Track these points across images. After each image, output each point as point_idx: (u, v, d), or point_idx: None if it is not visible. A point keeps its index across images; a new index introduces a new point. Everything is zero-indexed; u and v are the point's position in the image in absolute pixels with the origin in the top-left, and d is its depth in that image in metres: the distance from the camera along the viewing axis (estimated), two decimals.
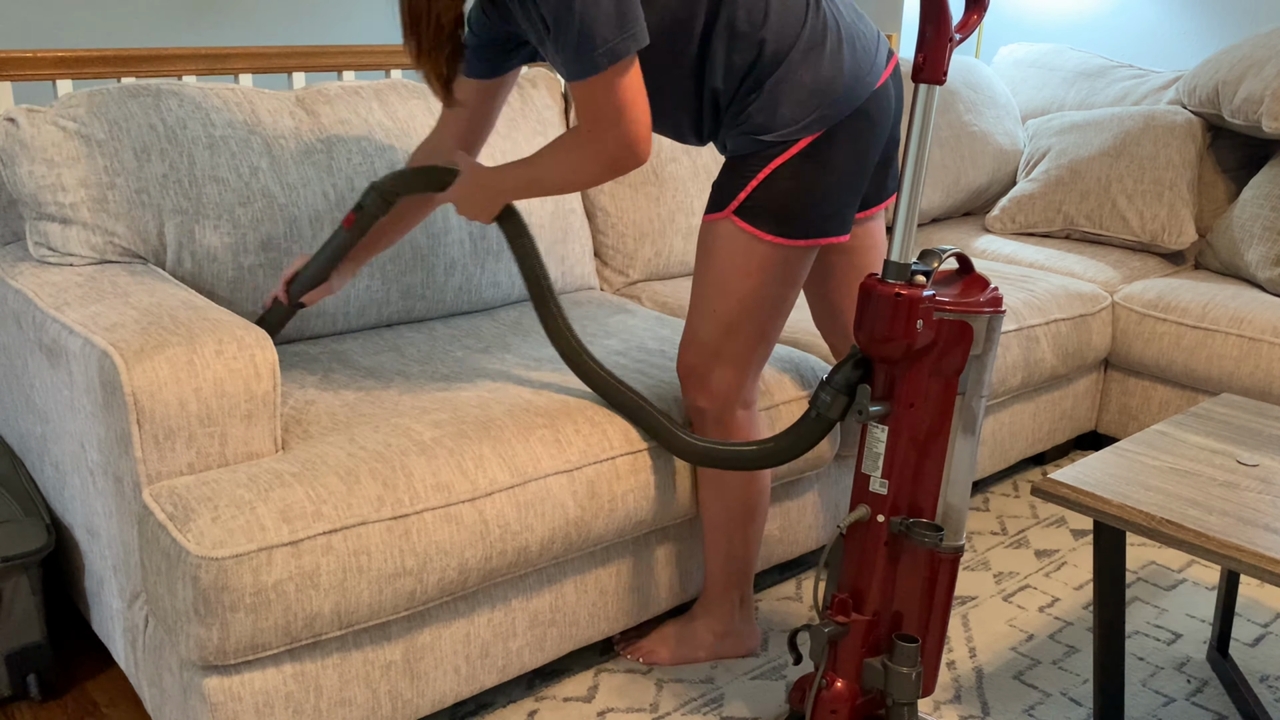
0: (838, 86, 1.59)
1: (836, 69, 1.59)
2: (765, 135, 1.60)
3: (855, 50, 1.62)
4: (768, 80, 1.58)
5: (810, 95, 1.58)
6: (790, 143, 1.59)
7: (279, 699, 1.49)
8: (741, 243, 1.64)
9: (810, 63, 1.58)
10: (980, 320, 1.43)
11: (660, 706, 1.83)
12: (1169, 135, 2.95)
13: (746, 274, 1.65)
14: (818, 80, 1.58)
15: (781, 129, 1.59)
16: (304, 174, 2.00)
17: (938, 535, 1.47)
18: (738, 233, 1.64)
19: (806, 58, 1.58)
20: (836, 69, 1.59)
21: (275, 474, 1.48)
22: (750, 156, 1.62)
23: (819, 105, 1.58)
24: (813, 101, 1.58)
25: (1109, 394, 2.81)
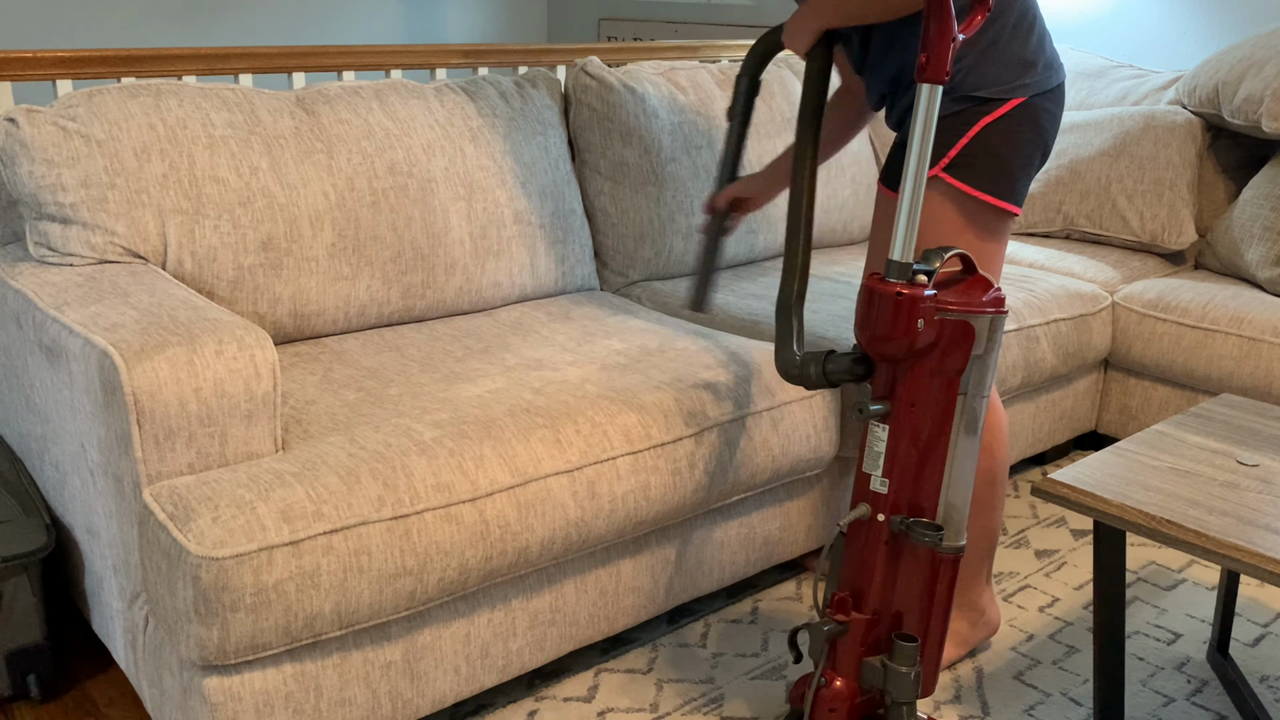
0: (1039, 64, 1.68)
1: (1039, 51, 1.69)
2: (977, 92, 1.65)
3: (1049, 42, 1.72)
4: (980, 38, 1.64)
5: (1017, 64, 1.66)
6: (1001, 101, 1.65)
7: (279, 699, 1.49)
8: (953, 201, 1.67)
9: (1019, 37, 1.67)
10: (982, 320, 1.43)
11: (660, 706, 1.83)
12: (1169, 135, 2.94)
13: (961, 231, 1.69)
14: (1024, 54, 1.67)
15: (992, 86, 1.65)
16: (304, 174, 2.00)
17: (938, 535, 1.47)
18: (949, 191, 1.67)
19: (1015, 32, 1.66)
20: (1039, 51, 1.69)
21: (275, 474, 1.48)
22: (956, 115, 1.67)
23: (1024, 74, 1.67)
24: (1019, 69, 1.67)
25: (1109, 394, 2.81)
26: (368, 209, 2.06)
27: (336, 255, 2.02)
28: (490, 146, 2.25)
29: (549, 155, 2.36)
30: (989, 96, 1.66)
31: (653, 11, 4.93)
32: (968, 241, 1.70)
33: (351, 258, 2.04)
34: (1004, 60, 1.66)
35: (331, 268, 2.02)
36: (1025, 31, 1.69)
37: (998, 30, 1.66)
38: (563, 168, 2.38)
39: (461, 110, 2.26)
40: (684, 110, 2.58)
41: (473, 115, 2.27)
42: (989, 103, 1.66)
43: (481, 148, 2.24)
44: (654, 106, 2.52)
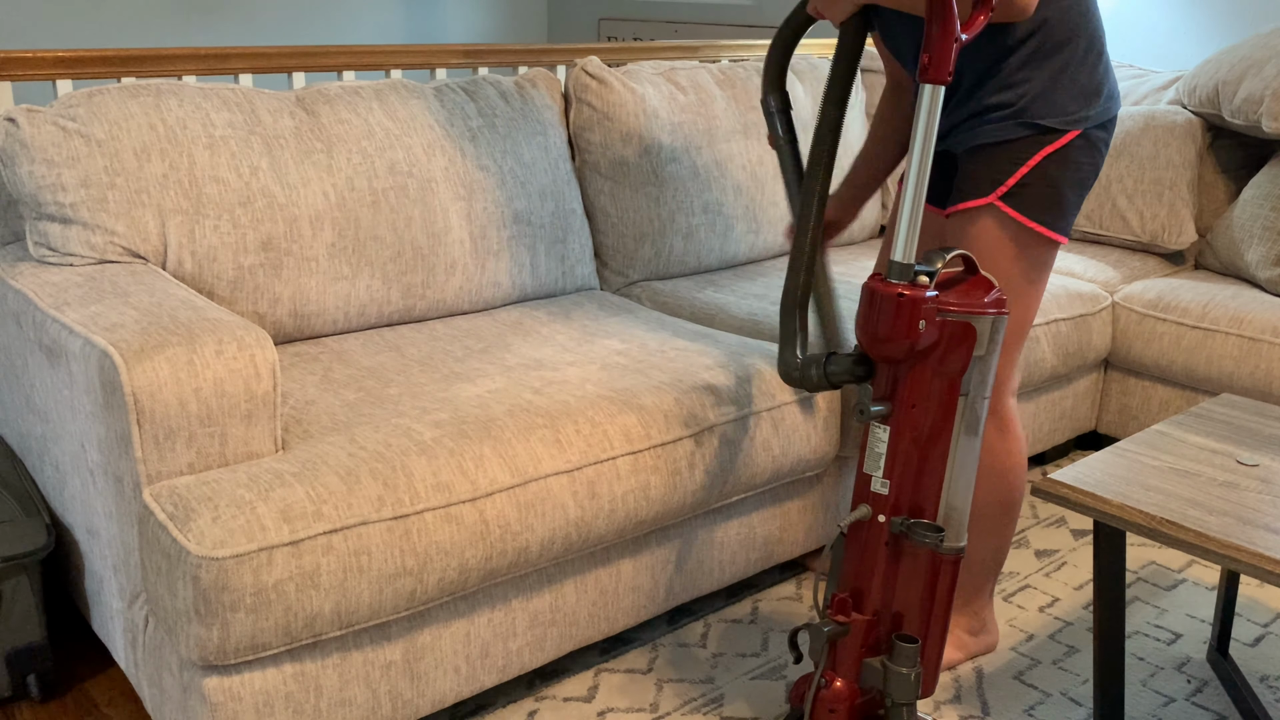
0: (1103, 94, 1.66)
1: (1104, 80, 1.66)
2: (1043, 120, 1.62)
3: (1112, 70, 1.69)
4: (1048, 64, 1.61)
5: (1082, 93, 1.63)
6: (1062, 132, 1.63)
7: (279, 699, 1.49)
8: (1007, 231, 1.65)
9: (1087, 66, 1.64)
10: (984, 321, 1.43)
11: (660, 706, 1.83)
12: (1169, 135, 2.94)
13: (1011, 260, 1.67)
14: (1090, 84, 1.64)
15: (1058, 116, 1.62)
16: (304, 174, 2.00)
17: (938, 536, 1.47)
18: (1004, 220, 1.65)
19: (1084, 60, 1.63)
20: (1104, 80, 1.66)
21: (275, 474, 1.48)
22: (1017, 142, 1.63)
23: (1089, 104, 1.64)
24: (1084, 99, 1.64)
25: (1109, 394, 2.81)
26: (368, 209, 2.06)
27: (336, 255, 2.02)
28: (490, 146, 2.25)
29: (549, 155, 2.36)
30: (1053, 126, 1.63)
31: (653, 11, 4.93)
32: (1020, 270, 1.69)
33: (351, 258, 2.04)
34: (1071, 89, 1.63)
35: (331, 268, 2.02)
36: (1094, 60, 1.65)
37: (1067, 57, 1.62)
38: (563, 168, 2.38)
39: (461, 110, 2.26)
40: (684, 110, 2.57)
41: (473, 115, 2.26)
42: (1051, 132, 1.63)
43: (481, 148, 2.24)
44: (654, 106, 2.52)
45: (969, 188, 1.67)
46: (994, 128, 1.64)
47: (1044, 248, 1.69)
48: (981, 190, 1.66)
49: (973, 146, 1.68)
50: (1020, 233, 1.66)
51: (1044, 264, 1.71)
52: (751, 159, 2.68)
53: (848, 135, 2.95)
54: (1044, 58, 1.62)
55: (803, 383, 1.57)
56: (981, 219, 1.66)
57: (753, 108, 2.73)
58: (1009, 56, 1.62)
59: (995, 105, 1.64)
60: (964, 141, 1.70)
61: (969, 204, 1.67)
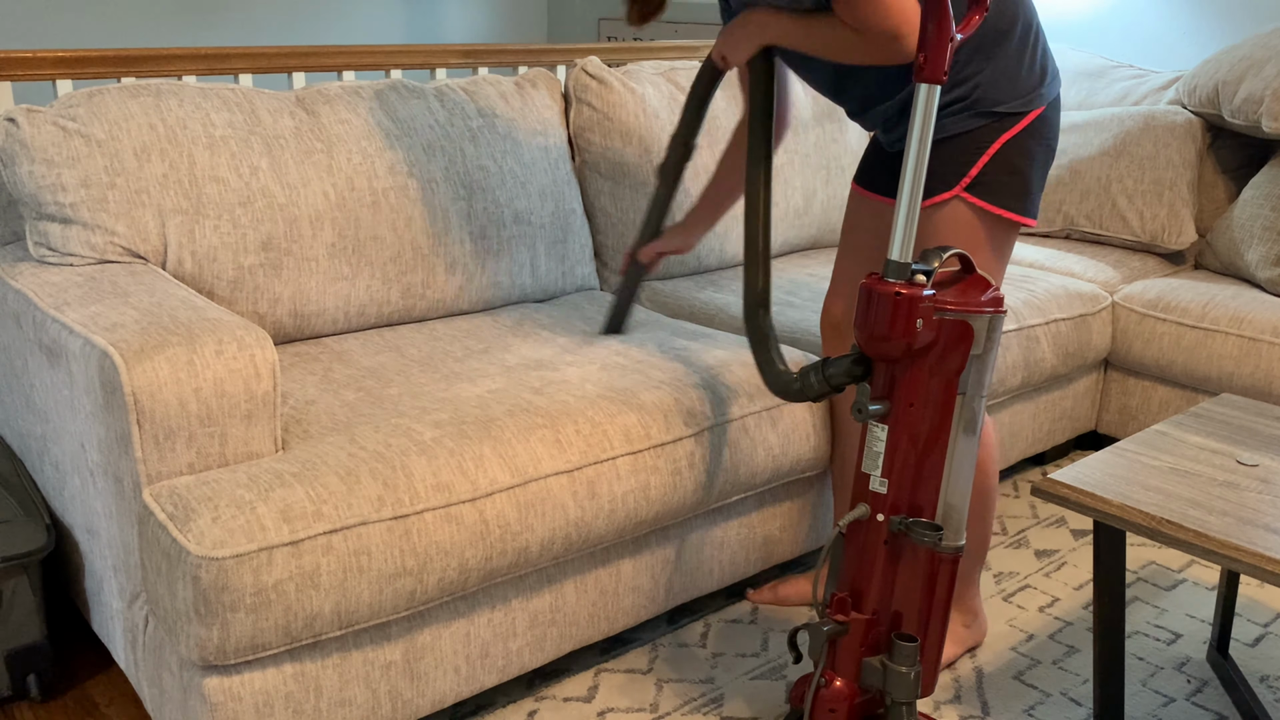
0: (1049, 73, 1.69)
1: (1045, 59, 1.69)
2: (997, 107, 1.64)
3: (1048, 49, 1.72)
4: (995, 52, 1.63)
5: (1030, 73, 1.66)
6: (1020, 115, 1.64)
7: (279, 699, 1.50)
8: (969, 221, 1.67)
9: (1028, 47, 1.66)
10: (981, 320, 1.43)
11: (660, 706, 1.83)
12: (1169, 135, 2.94)
13: (979, 247, 1.69)
14: (1034, 65, 1.67)
15: (1011, 100, 1.64)
16: (304, 174, 2.00)
17: (937, 535, 1.47)
18: (968, 211, 1.67)
19: (1023, 42, 1.66)
20: (1045, 59, 1.69)
21: (275, 474, 1.48)
22: (973, 132, 1.65)
23: (1039, 83, 1.66)
24: (1033, 79, 1.66)
25: (1109, 394, 2.81)
26: (368, 209, 2.06)
27: (336, 255, 2.02)
28: (490, 146, 2.25)
29: (549, 155, 2.36)
30: (1009, 111, 1.65)
31: None
32: (987, 256, 1.71)
33: (351, 258, 2.04)
34: (1019, 72, 1.65)
35: (331, 268, 2.02)
36: (1034, 41, 1.68)
37: (1007, 44, 1.65)
38: (563, 168, 2.38)
39: (461, 110, 2.26)
40: None
41: (473, 115, 2.27)
42: (1008, 117, 1.65)
43: (481, 148, 2.24)
44: (654, 106, 2.52)
45: (932, 183, 1.68)
46: (950, 121, 1.66)
47: (1010, 232, 1.71)
48: (946, 183, 1.67)
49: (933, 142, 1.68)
50: (987, 220, 1.68)
51: (1008, 248, 1.73)
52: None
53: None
54: (989, 48, 1.64)
55: (804, 393, 1.56)
56: (947, 211, 1.68)
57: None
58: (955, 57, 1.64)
59: (948, 103, 1.66)
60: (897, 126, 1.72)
61: (935, 199, 1.68)
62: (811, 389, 1.55)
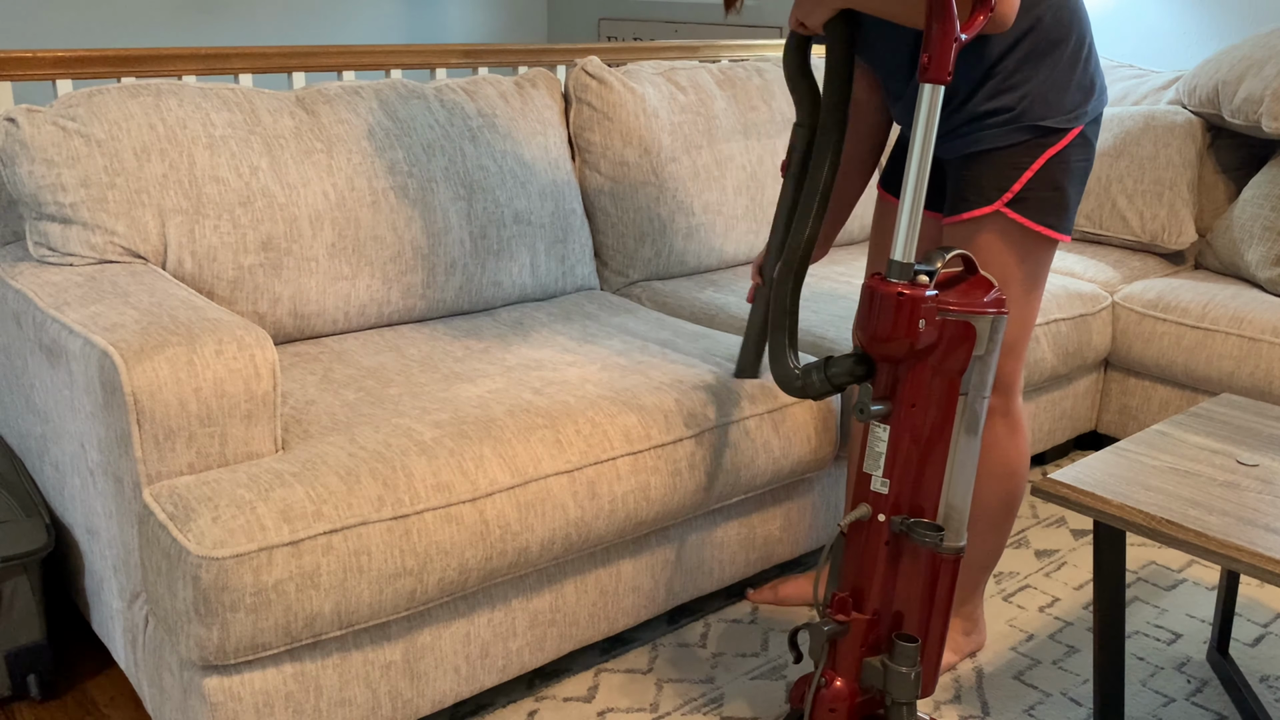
0: (1096, 89, 1.65)
1: (1095, 74, 1.66)
2: (1044, 121, 1.61)
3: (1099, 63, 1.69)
4: (1045, 63, 1.60)
5: (1078, 90, 1.63)
6: (1064, 131, 1.62)
7: (279, 699, 1.49)
8: (1014, 236, 1.64)
9: (1080, 62, 1.63)
10: (984, 321, 1.43)
11: (660, 706, 1.83)
12: (1169, 135, 2.94)
13: (1017, 264, 1.66)
14: (1084, 80, 1.64)
15: (1058, 115, 1.61)
16: (304, 174, 2.00)
17: (938, 535, 1.47)
18: (1010, 225, 1.64)
19: (1076, 57, 1.62)
20: (1095, 74, 1.66)
21: (275, 474, 1.48)
22: (1019, 146, 1.62)
23: (1085, 101, 1.63)
24: (1080, 95, 1.63)
25: (1109, 394, 2.81)
26: (368, 209, 2.06)
27: (336, 255, 2.02)
28: (490, 146, 2.25)
29: (549, 155, 2.36)
30: (1055, 126, 1.62)
31: (653, 11, 4.93)
32: (1026, 272, 1.68)
33: (351, 258, 2.04)
34: (1068, 87, 1.62)
35: (331, 268, 2.02)
36: (1086, 55, 1.64)
37: (1061, 55, 1.61)
38: (563, 168, 2.38)
39: (461, 110, 2.26)
40: (684, 110, 2.58)
41: (473, 115, 2.26)
42: (1054, 133, 1.62)
43: (481, 148, 2.24)
44: (654, 106, 2.52)
45: (973, 195, 1.65)
46: (995, 133, 1.63)
47: (1048, 249, 1.69)
48: (987, 197, 1.64)
49: (972, 153, 1.66)
50: (1027, 237, 1.65)
51: (1047, 264, 1.71)
52: (751, 159, 2.68)
53: None
54: (1039, 58, 1.60)
55: (805, 390, 1.56)
56: (988, 226, 1.65)
57: (752, 108, 2.73)
58: (1004, 59, 1.61)
59: (993, 110, 1.63)
60: (959, 148, 1.68)
61: (975, 212, 1.65)
62: (813, 387, 1.55)
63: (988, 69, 1.62)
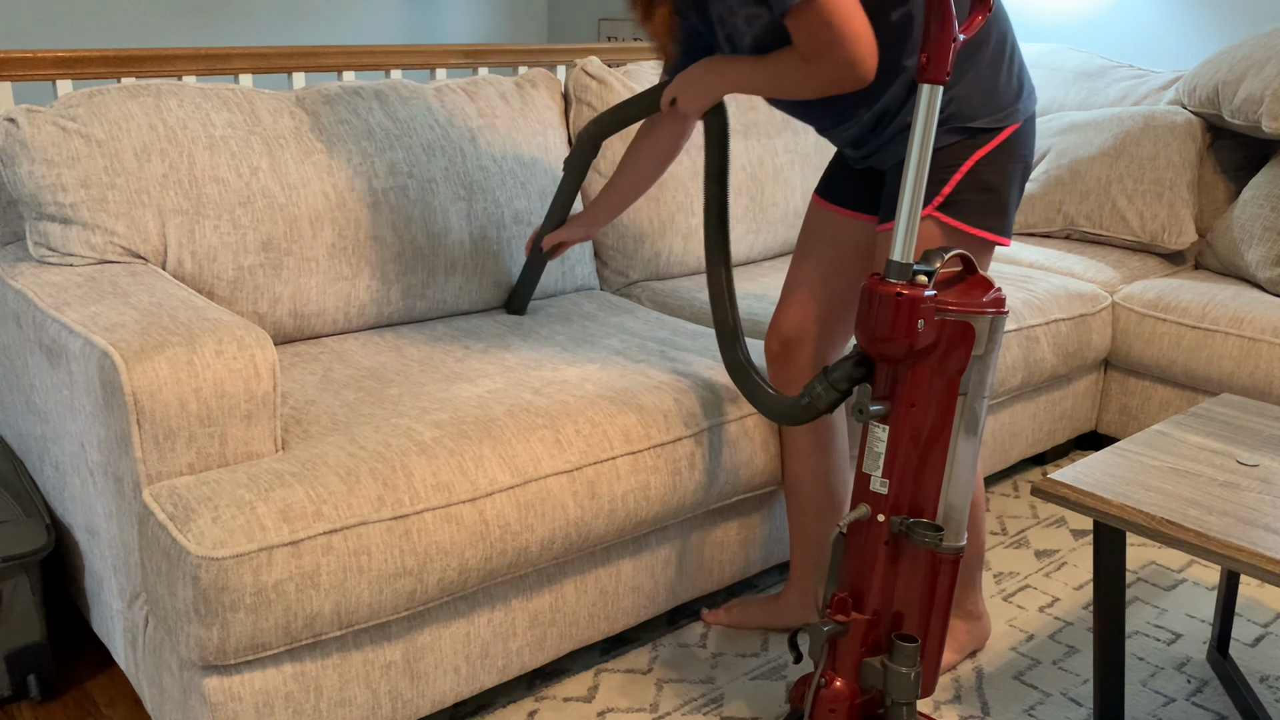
0: (1024, 89, 1.64)
1: (1021, 74, 1.65)
2: (972, 123, 1.59)
3: (1024, 63, 1.68)
4: (969, 65, 1.59)
5: (1006, 89, 1.62)
6: (995, 131, 1.60)
7: (279, 699, 1.49)
8: (948, 239, 1.62)
9: (1004, 62, 1.62)
10: (983, 321, 1.43)
11: (660, 706, 1.83)
12: (1169, 135, 2.94)
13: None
14: (1010, 79, 1.63)
15: (987, 116, 1.60)
16: (304, 174, 2.00)
17: (938, 535, 1.47)
18: (940, 230, 1.62)
19: (998, 56, 1.62)
20: (1021, 74, 1.65)
21: (275, 474, 1.48)
22: (946, 149, 1.61)
23: (1014, 99, 1.63)
24: (1008, 95, 1.62)
25: (1109, 394, 2.81)
26: (368, 209, 2.06)
27: (336, 255, 2.02)
28: (490, 146, 2.25)
29: (549, 155, 2.36)
30: (984, 127, 1.61)
31: None
32: None
33: (351, 258, 2.04)
34: (993, 87, 1.61)
35: (331, 268, 2.02)
36: (1009, 57, 1.64)
37: (982, 59, 1.60)
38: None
39: (461, 110, 2.26)
40: None
41: (473, 115, 2.26)
42: (983, 134, 1.61)
43: (481, 148, 2.24)
44: None
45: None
46: None
47: (986, 251, 1.67)
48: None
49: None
50: (961, 240, 1.63)
51: (984, 265, 1.69)
52: (751, 159, 2.68)
53: None
54: (962, 62, 1.59)
55: (814, 407, 1.53)
56: (920, 230, 1.62)
57: (752, 108, 2.73)
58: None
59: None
60: (892, 157, 1.67)
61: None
62: (821, 400, 1.52)
63: (910, 80, 1.61)
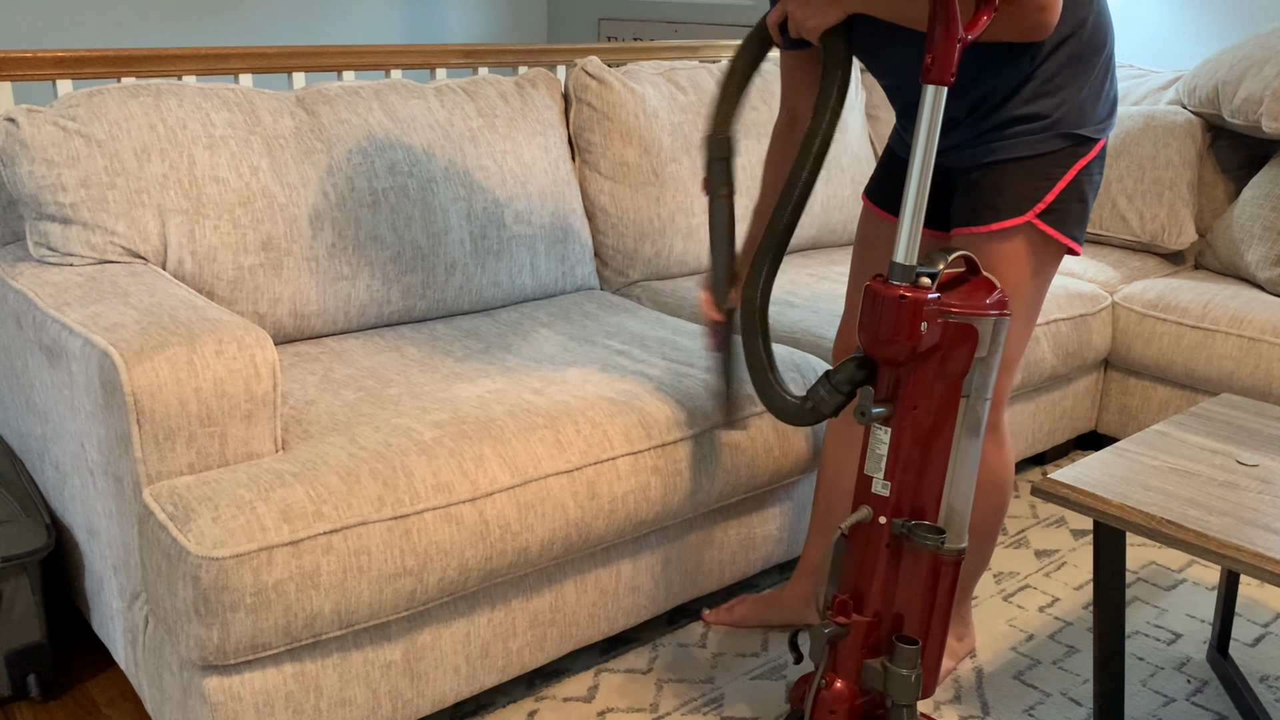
0: (1115, 103, 1.63)
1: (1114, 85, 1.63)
2: (1080, 130, 1.56)
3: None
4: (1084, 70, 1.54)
5: (1106, 99, 1.60)
6: (1094, 141, 1.58)
7: (279, 699, 1.49)
8: (1038, 247, 1.59)
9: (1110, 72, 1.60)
10: (986, 323, 1.43)
11: (660, 706, 1.83)
12: (1169, 135, 2.94)
13: (1033, 274, 1.62)
14: (1111, 87, 1.61)
15: (1093, 125, 1.57)
16: (304, 174, 2.00)
17: (939, 538, 1.47)
18: (1038, 236, 1.58)
19: (1108, 67, 1.59)
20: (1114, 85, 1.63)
21: (275, 474, 1.48)
22: (1053, 154, 1.56)
23: (1111, 110, 1.61)
24: (1108, 105, 1.60)
25: (1109, 394, 2.81)
26: (368, 209, 2.05)
27: (336, 255, 2.02)
28: (490, 146, 2.25)
29: (549, 155, 2.36)
30: (1087, 136, 1.57)
31: (653, 11, 4.93)
32: (1039, 283, 1.64)
33: (351, 258, 2.04)
34: (1100, 97, 1.57)
35: (331, 268, 2.02)
36: (1113, 68, 1.61)
37: (1095, 63, 1.55)
38: (563, 168, 2.38)
39: (461, 110, 2.26)
40: (684, 110, 2.57)
41: (473, 115, 2.26)
42: (1086, 142, 1.57)
43: (481, 148, 2.24)
44: (654, 106, 2.52)
45: (1001, 205, 1.58)
46: (1028, 140, 1.56)
47: (1060, 258, 1.65)
48: (1018, 208, 1.57)
49: (995, 161, 1.58)
50: (1049, 247, 1.61)
51: (1054, 272, 1.68)
52: (751, 159, 2.68)
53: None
54: (1079, 64, 1.54)
55: (818, 411, 1.51)
56: (1014, 236, 1.58)
57: (752, 108, 2.73)
58: (1046, 62, 1.54)
59: (1029, 116, 1.55)
60: (980, 156, 1.60)
61: (1005, 223, 1.58)
62: (825, 404, 1.50)
63: (1028, 72, 1.54)
